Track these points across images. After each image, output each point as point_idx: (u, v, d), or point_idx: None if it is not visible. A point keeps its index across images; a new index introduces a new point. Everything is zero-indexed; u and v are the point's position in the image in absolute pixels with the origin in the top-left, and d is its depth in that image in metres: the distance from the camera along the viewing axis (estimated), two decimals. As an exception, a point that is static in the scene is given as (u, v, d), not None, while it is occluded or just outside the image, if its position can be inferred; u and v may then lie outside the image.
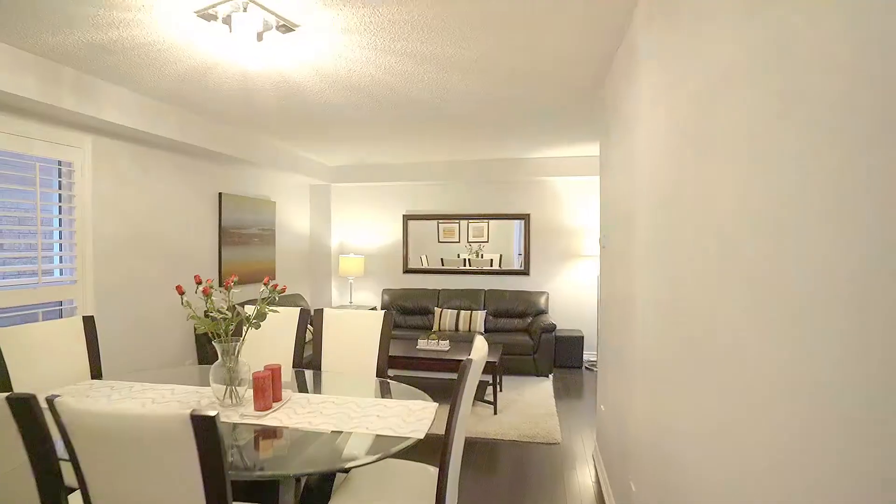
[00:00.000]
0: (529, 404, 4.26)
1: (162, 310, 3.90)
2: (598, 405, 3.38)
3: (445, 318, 5.67)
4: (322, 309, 2.96)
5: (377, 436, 1.77)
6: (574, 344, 5.49)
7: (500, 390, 4.60)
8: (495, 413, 4.01)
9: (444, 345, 4.40)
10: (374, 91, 3.15)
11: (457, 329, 5.61)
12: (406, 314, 5.98)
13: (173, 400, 2.14)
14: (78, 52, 2.50)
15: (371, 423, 1.87)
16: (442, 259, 6.23)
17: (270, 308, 2.20)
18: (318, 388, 2.57)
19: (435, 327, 5.69)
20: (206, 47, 2.43)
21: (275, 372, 2.11)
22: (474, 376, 1.79)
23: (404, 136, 4.54)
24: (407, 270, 6.35)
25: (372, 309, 6.16)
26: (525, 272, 6.01)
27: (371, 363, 2.81)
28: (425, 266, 6.26)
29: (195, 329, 2.06)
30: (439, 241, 6.23)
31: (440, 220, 6.22)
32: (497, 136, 4.50)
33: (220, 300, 2.12)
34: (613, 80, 2.69)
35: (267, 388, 2.03)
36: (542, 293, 5.76)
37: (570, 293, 5.90)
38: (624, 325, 2.40)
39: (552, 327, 5.06)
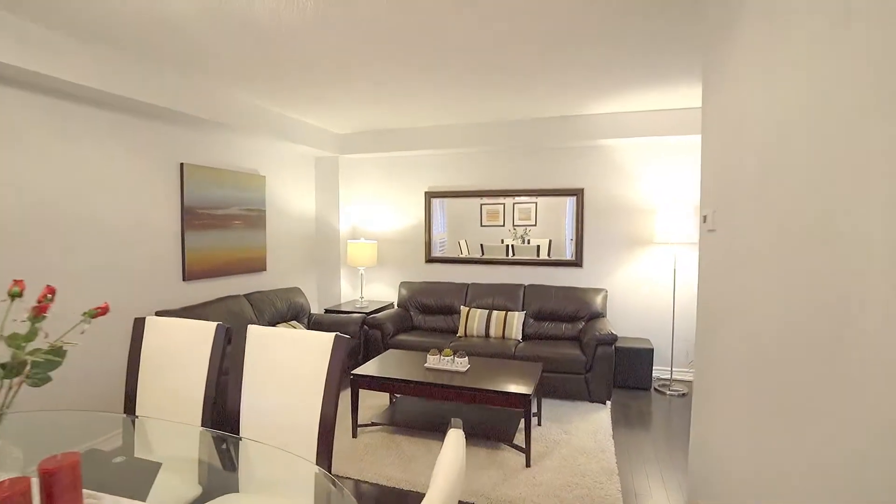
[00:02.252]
0: (578, 450, 3.06)
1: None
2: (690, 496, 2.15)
3: (473, 319, 4.52)
4: (247, 326, 1.91)
5: None
6: (640, 358, 4.18)
7: (539, 423, 3.43)
8: (528, 464, 2.85)
9: (461, 363, 3.27)
10: (329, -15, 2.01)
11: (487, 335, 4.46)
12: (426, 313, 4.89)
13: None
14: None
15: None
16: (482, 245, 5.08)
17: (44, 354, 1.15)
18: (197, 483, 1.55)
19: (460, 332, 4.56)
20: None
21: (54, 474, 1.08)
22: None
23: (416, 86, 3.38)
24: (430, 259, 5.24)
25: (387, 307, 5.12)
26: (577, 263, 4.73)
27: (310, 422, 1.74)
28: (464, 254, 5.12)
29: None
30: (482, 225, 5.07)
31: (483, 201, 5.03)
32: (540, 79, 3.24)
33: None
34: None
35: (15, 519, 0.99)
36: (599, 291, 4.47)
37: (636, 291, 4.56)
38: (808, 348, 1.18)
39: (611, 339, 3.79)
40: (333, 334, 1.79)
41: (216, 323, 1.99)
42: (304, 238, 5.18)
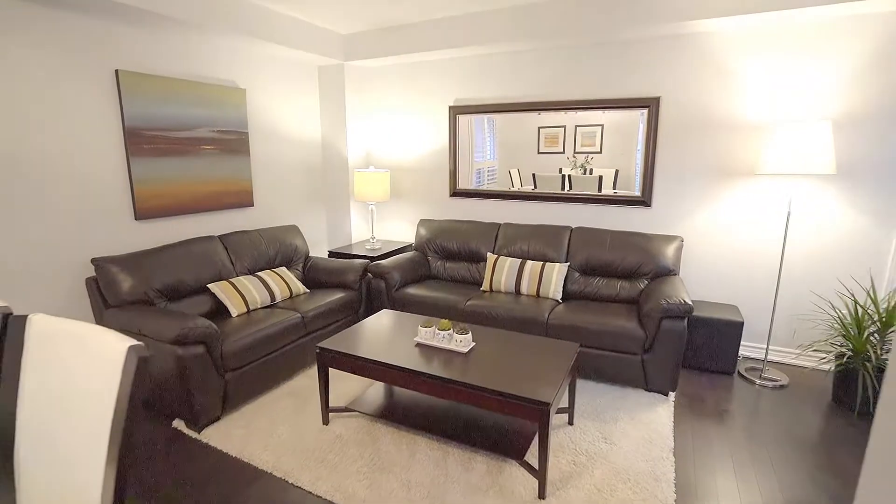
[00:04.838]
0: (620, 473, 2.16)
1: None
2: None
3: (501, 270, 3.58)
4: (26, 316, 1.14)
5: None
6: (723, 332, 3.09)
7: (570, 422, 2.54)
8: (541, 495, 2.00)
9: (462, 342, 2.39)
10: None
11: (517, 291, 3.52)
12: (447, 259, 4.01)
13: None
14: None
15: None
16: (534, 175, 4.02)
17: None
18: None
19: (484, 285, 3.65)
20: None
21: None
22: None
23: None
24: (455, 193, 4.27)
25: (404, 249, 4.29)
26: (644, 201, 3.56)
27: (91, 475, 0.98)
28: (517, 188, 4.10)
29: None
30: (539, 152, 3.98)
31: (542, 122, 3.88)
32: None
33: None
34: None
35: None
36: (672, 239, 3.33)
37: (724, 242, 3.36)
38: None
39: (683, 310, 2.72)
40: (126, 346, 0.97)
41: (-3, 307, 1.23)
42: (307, 167, 4.36)
